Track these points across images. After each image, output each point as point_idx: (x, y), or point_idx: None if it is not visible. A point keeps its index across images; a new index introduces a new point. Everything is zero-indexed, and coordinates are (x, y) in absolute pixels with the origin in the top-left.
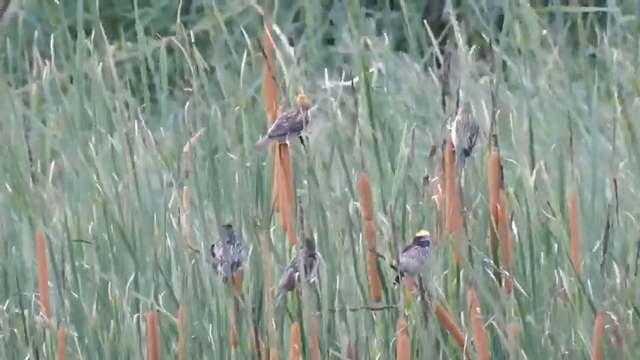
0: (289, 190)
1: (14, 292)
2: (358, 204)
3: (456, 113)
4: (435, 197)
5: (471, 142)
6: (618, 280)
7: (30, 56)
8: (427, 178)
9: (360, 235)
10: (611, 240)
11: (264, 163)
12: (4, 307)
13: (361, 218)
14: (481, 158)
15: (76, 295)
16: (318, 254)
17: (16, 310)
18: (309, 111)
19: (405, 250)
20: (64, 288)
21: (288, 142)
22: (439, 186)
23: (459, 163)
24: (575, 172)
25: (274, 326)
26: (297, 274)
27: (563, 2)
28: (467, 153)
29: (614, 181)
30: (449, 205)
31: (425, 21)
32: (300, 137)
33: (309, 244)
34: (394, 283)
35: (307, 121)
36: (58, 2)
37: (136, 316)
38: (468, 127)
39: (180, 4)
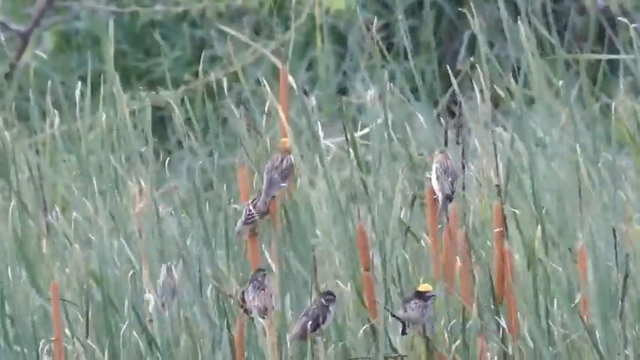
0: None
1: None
2: None
3: (434, 161)
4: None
5: (452, 187)
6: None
7: (43, 106)
8: (409, 229)
9: None
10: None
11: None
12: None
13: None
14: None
15: (90, 342)
16: (333, 306)
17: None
18: (290, 155)
19: (406, 302)
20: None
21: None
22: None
23: (442, 209)
24: (587, 223)
25: None
26: (309, 324)
27: (577, 51)
28: (450, 199)
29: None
30: (433, 253)
31: (448, 67)
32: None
33: (329, 294)
34: (402, 334)
35: (293, 164)
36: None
37: None
38: (448, 172)
39: (202, 53)
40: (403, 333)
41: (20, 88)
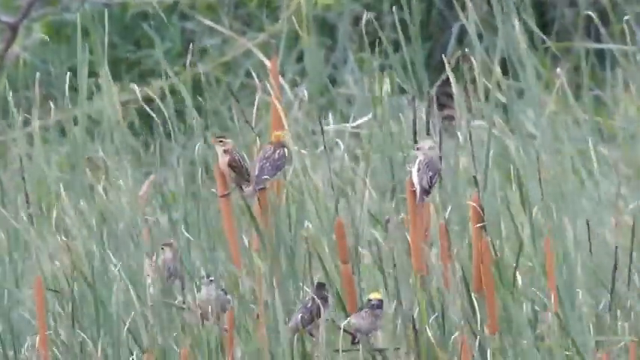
0: (267, 231)
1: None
2: None
3: (418, 153)
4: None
5: (431, 181)
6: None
7: (32, 97)
8: (388, 221)
9: None
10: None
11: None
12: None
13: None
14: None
15: (82, 333)
16: (330, 297)
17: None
18: (284, 148)
19: (358, 311)
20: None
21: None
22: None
23: (419, 201)
24: (576, 216)
25: None
26: (304, 317)
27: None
28: (427, 192)
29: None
30: (413, 246)
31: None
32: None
33: (321, 286)
34: (354, 343)
35: (286, 156)
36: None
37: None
38: (429, 166)
39: (193, 46)
40: (353, 342)
41: (9, 80)
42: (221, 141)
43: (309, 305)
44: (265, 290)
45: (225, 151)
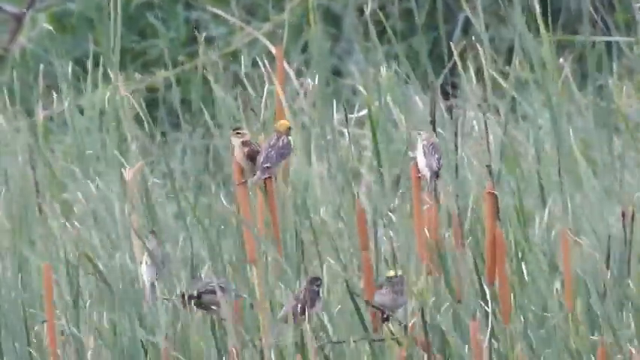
0: (275, 220)
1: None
2: None
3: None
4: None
5: (439, 162)
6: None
7: (37, 88)
8: (392, 211)
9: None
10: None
11: None
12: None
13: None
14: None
15: (75, 329)
16: (322, 288)
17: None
18: (289, 136)
19: (378, 288)
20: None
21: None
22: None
23: (430, 184)
24: (582, 205)
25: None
26: (298, 307)
27: (572, 33)
28: (437, 174)
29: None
30: (417, 234)
31: (451, 43)
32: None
33: (314, 280)
34: (383, 321)
35: (291, 145)
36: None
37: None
38: (434, 148)
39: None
40: (384, 320)
41: (15, 71)
42: (238, 133)
43: (301, 297)
44: (270, 280)
45: (243, 143)
